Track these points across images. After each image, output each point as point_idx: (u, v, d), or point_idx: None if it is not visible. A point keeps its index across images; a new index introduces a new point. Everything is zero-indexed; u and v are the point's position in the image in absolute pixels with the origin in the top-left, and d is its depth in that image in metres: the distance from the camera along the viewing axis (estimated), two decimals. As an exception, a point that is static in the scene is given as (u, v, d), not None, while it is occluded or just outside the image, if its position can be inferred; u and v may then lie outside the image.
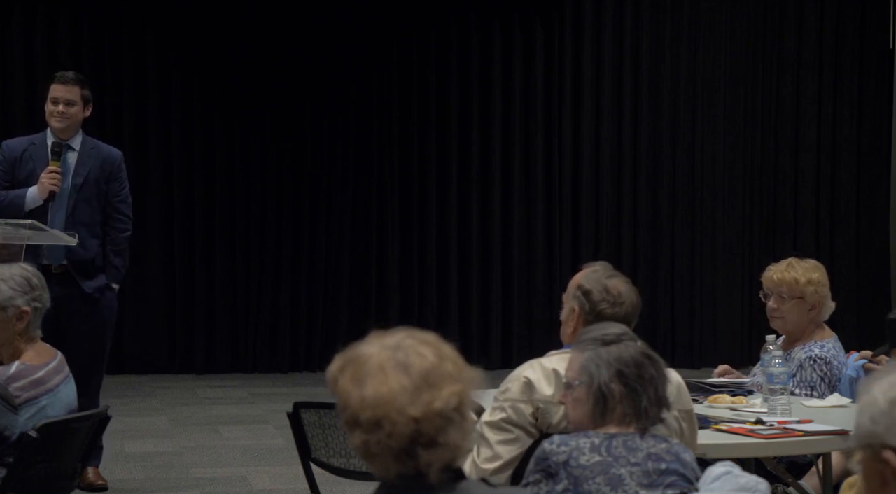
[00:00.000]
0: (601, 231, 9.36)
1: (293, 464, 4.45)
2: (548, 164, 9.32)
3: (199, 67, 8.81)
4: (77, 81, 5.69)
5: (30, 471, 3.66)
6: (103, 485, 5.73)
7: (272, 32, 8.89)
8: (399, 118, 9.14)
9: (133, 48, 8.74)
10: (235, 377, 8.75)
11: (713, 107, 9.40)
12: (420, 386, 2.00)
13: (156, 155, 8.81)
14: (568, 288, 3.52)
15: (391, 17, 9.08)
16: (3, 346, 3.81)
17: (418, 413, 1.98)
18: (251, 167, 8.94)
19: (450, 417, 1.99)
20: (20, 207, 5.48)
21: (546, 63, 9.28)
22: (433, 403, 1.98)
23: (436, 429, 1.98)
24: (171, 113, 8.82)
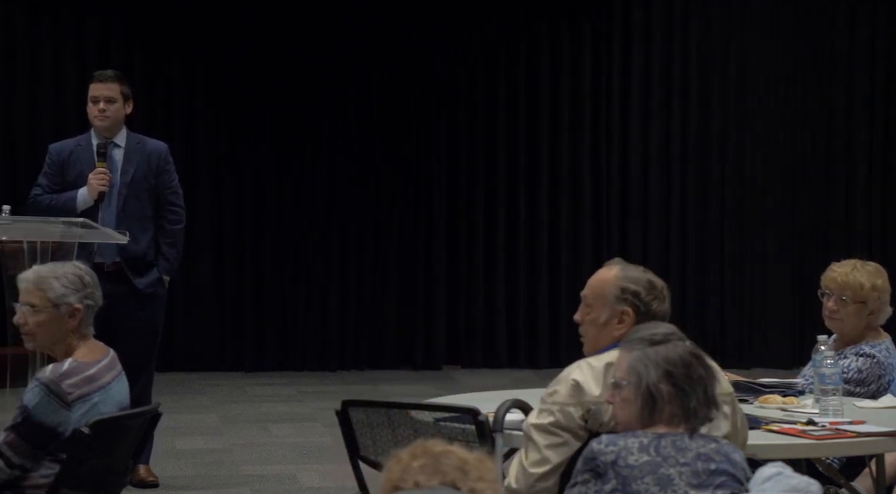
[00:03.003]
0: (649, 232, 9.32)
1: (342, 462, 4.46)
2: (595, 165, 9.29)
3: (261, 64, 8.86)
4: (116, 78, 5.74)
5: (82, 467, 3.70)
6: (154, 482, 5.78)
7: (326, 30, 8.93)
8: (446, 121, 9.14)
9: (184, 46, 8.81)
10: (284, 375, 8.79)
11: (762, 107, 9.32)
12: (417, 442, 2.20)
13: (205, 151, 8.87)
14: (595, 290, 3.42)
15: (440, 19, 9.08)
16: (56, 344, 3.85)
17: (405, 455, 2.17)
18: (302, 165, 8.98)
19: (431, 456, 2.15)
20: (72, 210, 5.54)
21: (594, 63, 9.25)
22: (417, 445, 2.18)
23: (417, 463, 2.15)
24: (225, 109, 8.88)
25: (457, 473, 2.15)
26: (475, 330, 9.20)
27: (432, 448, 2.18)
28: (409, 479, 2.14)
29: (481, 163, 9.21)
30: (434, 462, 2.15)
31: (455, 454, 2.17)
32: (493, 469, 2.20)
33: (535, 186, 9.26)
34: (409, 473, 2.15)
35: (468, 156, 9.21)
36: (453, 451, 2.17)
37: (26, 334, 3.87)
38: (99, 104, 5.68)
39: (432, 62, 9.11)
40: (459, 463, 2.16)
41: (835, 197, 9.39)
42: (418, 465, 2.15)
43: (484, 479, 2.15)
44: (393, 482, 2.17)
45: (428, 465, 2.15)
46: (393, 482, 2.17)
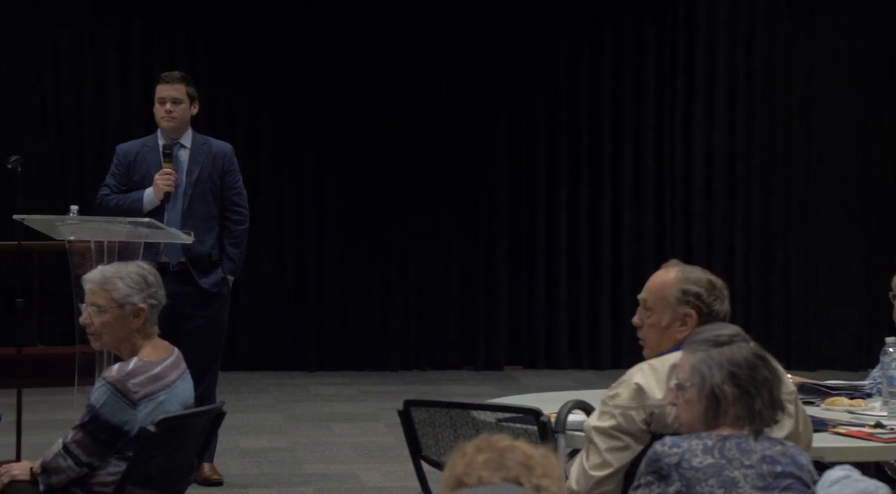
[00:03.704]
0: (713, 232, 9.24)
1: (404, 462, 4.48)
2: (658, 166, 9.23)
3: (315, 65, 8.91)
4: (182, 79, 5.79)
5: (149, 465, 3.74)
6: (219, 480, 5.83)
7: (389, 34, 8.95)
8: (507, 121, 9.13)
9: (247, 48, 8.88)
10: (346, 374, 8.83)
11: (828, 107, 9.20)
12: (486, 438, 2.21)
13: (269, 154, 8.94)
14: (655, 293, 3.38)
15: (502, 20, 9.07)
16: (121, 343, 3.89)
17: (471, 449, 2.17)
18: (363, 166, 9.01)
19: (496, 450, 2.15)
20: (139, 210, 5.60)
21: (657, 64, 9.18)
22: (482, 439, 2.18)
23: (480, 457, 2.15)
24: (288, 110, 8.94)
25: (521, 469, 2.13)
26: (537, 330, 9.18)
27: (497, 442, 2.16)
28: (472, 474, 2.13)
29: (543, 163, 9.18)
30: (499, 457, 2.14)
31: (520, 449, 2.15)
32: (557, 466, 2.18)
33: (597, 187, 9.21)
34: (472, 467, 2.14)
35: (529, 157, 9.18)
36: (518, 446, 2.15)
37: (92, 334, 3.91)
38: (165, 105, 5.74)
39: (491, 62, 9.10)
40: (524, 459, 2.14)
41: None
42: (483, 459, 2.14)
43: (549, 476, 2.14)
44: (456, 476, 2.16)
45: (492, 460, 2.14)
46: (456, 476, 2.16)
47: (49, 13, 8.66)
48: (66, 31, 8.70)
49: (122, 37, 8.76)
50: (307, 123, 8.97)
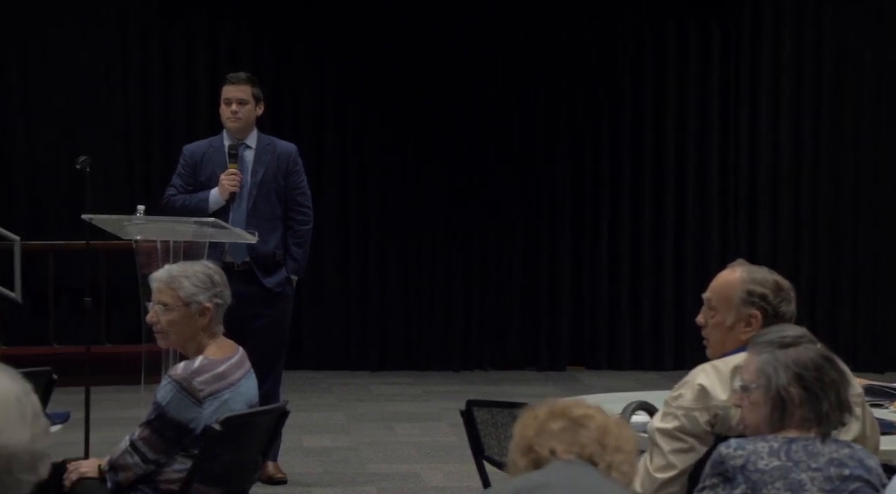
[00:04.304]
0: (779, 233, 9.14)
1: (466, 462, 4.48)
2: (722, 164, 9.15)
3: (381, 64, 8.94)
4: (247, 80, 5.83)
5: (214, 463, 3.77)
6: (283, 478, 5.87)
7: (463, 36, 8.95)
8: (569, 121, 9.10)
9: (312, 48, 8.93)
10: (409, 374, 8.85)
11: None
12: (556, 402, 2.22)
13: (333, 154, 8.98)
14: (720, 293, 3.36)
15: (566, 16, 9.04)
16: (187, 342, 3.93)
17: (543, 413, 2.18)
18: (427, 167, 9.03)
19: (573, 419, 2.15)
20: (204, 210, 5.64)
21: (722, 62, 9.11)
22: (558, 405, 2.19)
23: (558, 428, 2.16)
24: (352, 110, 8.98)
25: (595, 447, 2.10)
26: (600, 330, 9.14)
27: (572, 410, 2.13)
28: (545, 443, 2.10)
29: (606, 162, 9.14)
30: (574, 429, 2.09)
31: (595, 420, 2.11)
32: (631, 439, 2.15)
33: (660, 185, 9.15)
34: (546, 435, 2.10)
35: (593, 157, 9.15)
36: (593, 416, 2.11)
37: (159, 332, 3.95)
38: (231, 106, 5.78)
39: (555, 63, 9.07)
40: (599, 435, 2.10)
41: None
42: (558, 428, 2.10)
43: (622, 449, 2.11)
44: (528, 439, 2.12)
45: (567, 431, 2.09)
46: (528, 439, 2.12)
47: (116, 14, 8.77)
48: (134, 32, 8.80)
49: (189, 38, 8.85)
50: (372, 123, 9.00)
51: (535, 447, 2.13)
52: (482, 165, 9.05)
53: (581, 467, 2.09)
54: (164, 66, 8.83)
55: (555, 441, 2.12)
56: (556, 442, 2.12)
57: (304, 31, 8.92)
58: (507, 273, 9.11)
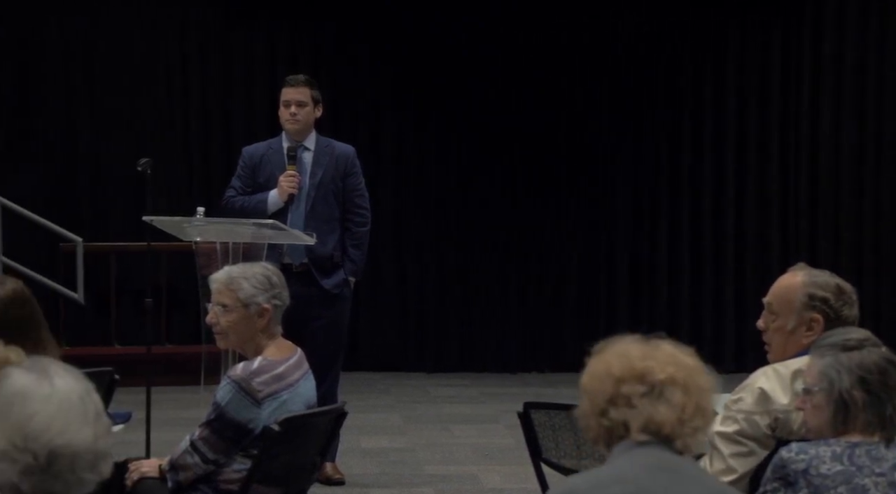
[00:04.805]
0: (840, 232, 9.03)
1: (523, 464, 4.46)
2: (783, 167, 9.07)
3: (436, 69, 8.95)
4: (306, 83, 5.86)
5: (273, 464, 3.79)
6: (341, 479, 5.88)
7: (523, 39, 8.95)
8: (630, 124, 9.06)
9: (370, 52, 8.96)
10: (466, 376, 8.85)
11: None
12: (635, 357, 2.14)
13: (390, 156, 9.00)
14: (781, 297, 3.33)
15: (632, 19, 8.99)
16: (246, 342, 3.95)
17: (619, 373, 2.10)
18: (481, 168, 9.02)
19: (652, 386, 2.07)
20: (263, 212, 5.68)
21: (783, 59, 9.02)
22: (636, 366, 2.10)
23: (634, 393, 2.09)
24: (409, 112, 9.00)
25: (674, 426, 2.06)
26: (658, 332, 9.05)
27: (654, 373, 2.07)
28: (619, 412, 2.04)
29: (665, 164, 9.09)
30: (653, 401, 2.05)
31: (678, 390, 2.06)
32: (710, 405, 2.12)
33: (720, 188, 9.08)
34: (621, 401, 2.03)
35: (653, 159, 9.10)
36: (676, 382, 2.07)
37: (218, 333, 3.98)
38: (290, 108, 5.81)
39: (616, 66, 9.03)
40: (680, 412, 2.06)
41: None
42: (636, 395, 2.04)
43: (701, 429, 2.08)
44: (601, 402, 2.06)
45: (645, 402, 2.04)
46: (601, 402, 2.06)
47: (178, 18, 8.86)
48: (195, 35, 8.88)
49: (249, 41, 8.92)
50: (429, 125, 9.01)
51: (609, 413, 2.09)
52: (540, 169, 9.02)
53: (653, 459, 2.05)
54: (224, 68, 8.90)
55: (630, 414, 2.08)
56: (631, 416, 2.07)
57: (364, 33, 8.95)
58: (564, 274, 9.08)
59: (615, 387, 2.08)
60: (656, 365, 2.10)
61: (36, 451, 1.86)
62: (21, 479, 1.86)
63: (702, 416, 2.09)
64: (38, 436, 1.87)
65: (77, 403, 1.91)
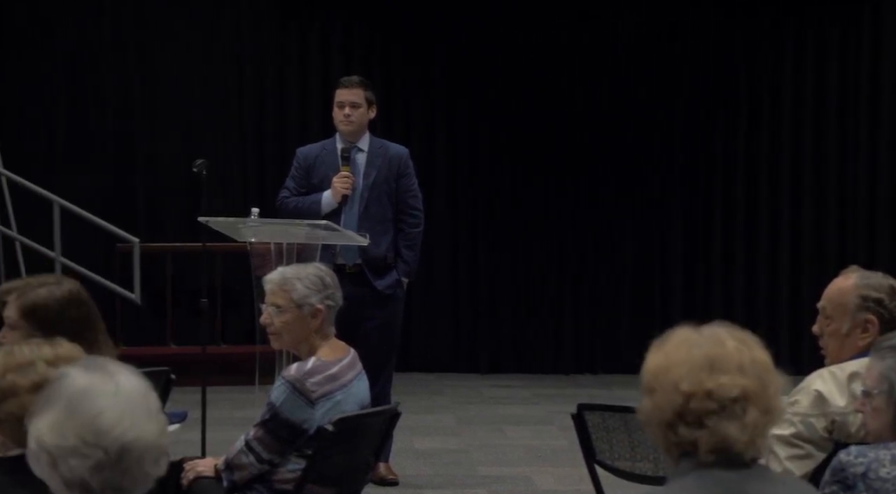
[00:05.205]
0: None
1: (577, 466, 4.45)
2: (840, 169, 8.97)
3: (499, 70, 8.94)
4: (360, 84, 5.87)
5: (327, 464, 3.80)
6: (394, 480, 5.89)
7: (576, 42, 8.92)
8: (685, 125, 9.00)
9: (423, 52, 8.97)
10: (519, 377, 8.83)
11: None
12: (702, 365, 2.02)
13: (443, 157, 9.00)
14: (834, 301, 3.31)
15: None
16: (299, 343, 3.97)
17: (688, 388, 1.99)
18: (537, 169, 8.99)
19: (723, 405, 1.98)
20: (316, 213, 5.70)
21: (841, 63, 8.92)
22: (706, 383, 1.99)
23: (704, 411, 1.98)
24: (462, 113, 8.99)
25: (745, 445, 1.98)
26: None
27: (726, 389, 1.98)
28: (687, 430, 1.93)
29: (720, 166, 9.02)
30: (723, 421, 1.94)
31: (751, 407, 1.96)
32: (781, 416, 2.06)
33: (776, 190, 9.00)
34: (690, 418, 1.92)
35: (707, 160, 9.03)
36: (750, 396, 1.97)
37: (272, 334, 4.00)
38: (344, 109, 5.83)
39: (673, 67, 8.98)
40: (752, 431, 1.96)
41: None
42: (705, 412, 1.93)
43: (769, 449, 2.03)
44: (670, 414, 1.97)
45: (714, 421, 1.94)
46: (670, 414, 1.97)
47: (232, 18, 8.92)
48: (249, 36, 8.94)
49: (303, 42, 8.96)
50: (482, 127, 9.00)
51: (678, 429, 1.99)
52: (594, 170, 8.98)
53: (721, 490, 1.98)
54: (278, 70, 8.95)
55: (700, 435, 1.99)
56: (700, 436, 1.99)
57: (416, 34, 8.96)
58: (618, 275, 9.04)
59: (684, 402, 1.99)
60: (728, 381, 1.99)
61: (107, 446, 1.88)
62: (92, 475, 1.88)
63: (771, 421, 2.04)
64: (109, 432, 1.89)
65: (143, 399, 1.94)
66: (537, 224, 9.01)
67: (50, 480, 1.90)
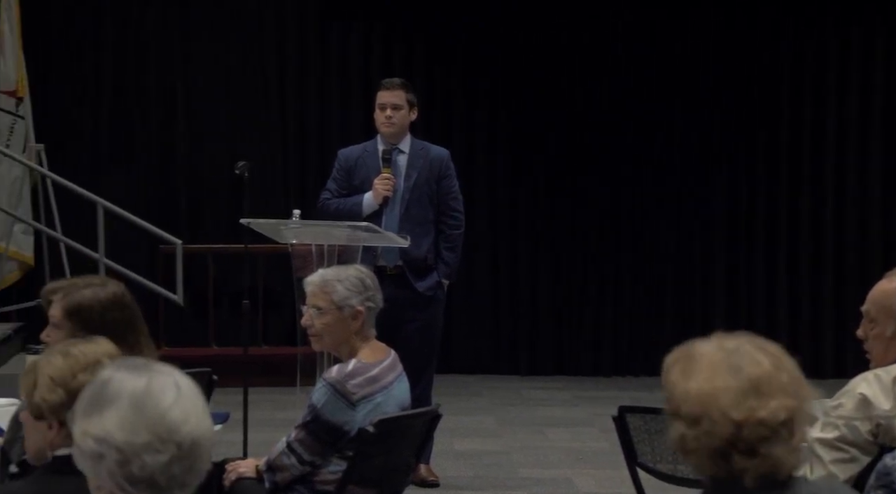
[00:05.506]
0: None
1: (618, 468, 4.43)
2: (886, 169, 8.88)
3: (531, 72, 8.93)
4: (401, 86, 5.88)
5: (368, 465, 3.81)
6: (435, 481, 5.90)
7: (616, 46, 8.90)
8: (726, 124, 8.95)
9: (462, 53, 8.97)
10: (559, 379, 8.81)
11: None
12: (748, 391, 1.97)
13: (482, 159, 9.00)
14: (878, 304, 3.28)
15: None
16: (340, 345, 3.98)
17: (740, 417, 1.94)
18: (577, 172, 8.97)
19: (775, 430, 1.94)
20: (358, 214, 5.71)
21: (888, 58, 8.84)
22: (757, 411, 1.95)
23: (757, 438, 1.94)
24: (501, 116, 8.98)
25: (788, 466, 1.96)
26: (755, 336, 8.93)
27: (774, 413, 1.92)
28: (736, 459, 1.89)
29: (762, 165, 8.96)
30: (771, 444, 1.92)
31: (794, 431, 1.93)
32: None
33: (819, 192, 8.93)
34: (741, 446, 1.89)
35: (748, 159, 8.97)
36: (794, 419, 1.92)
37: (313, 335, 4.01)
38: (386, 111, 5.84)
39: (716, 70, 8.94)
40: (795, 452, 1.95)
41: None
42: (754, 439, 1.89)
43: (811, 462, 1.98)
44: (717, 440, 1.91)
45: (766, 447, 1.90)
46: (717, 440, 1.91)
47: (273, 20, 8.96)
48: (291, 38, 8.97)
49: (343, 44, 8.98)
50: (522, 129, 8.99)
51: (732, 458, 1.91)
52: (636, 171, 8.94)
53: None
54: (319, 71, 8.98)
55: (751, 464, 1.91)
56: (752, 466, 1.91)
57: (457, 37, 8.95)
58: (658, 277, 9.00)
59: (735, 431, 1.93)
60: (776, 405, 1.93)
61: (180, 441, 1.89)
62: (162, 471, 1.88)
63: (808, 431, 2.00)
64: (180, 427, 1.90)
65: (198, 396, 1.95)
66: (578, 226, 8.99)
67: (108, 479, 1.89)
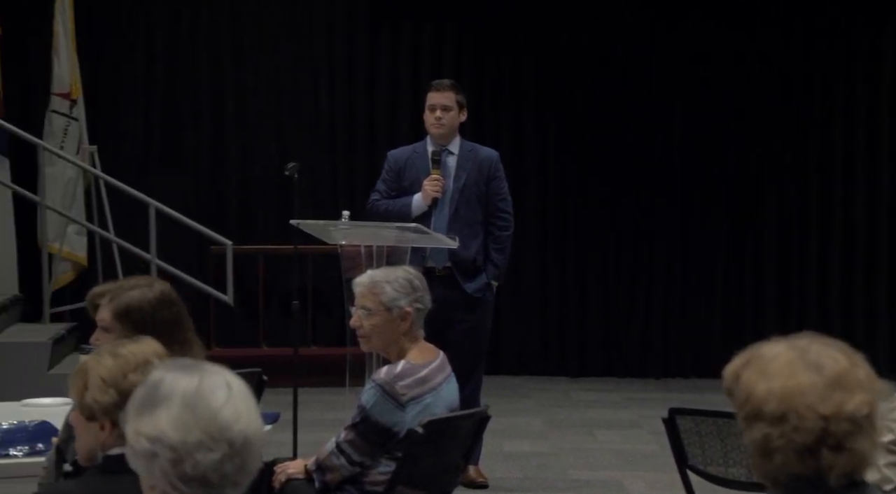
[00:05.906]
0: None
1: (668, 470, 4.40)
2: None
3: (579, 73, 8.90)
4: (451, 87, 5.88)
5: (417, 466, 3.81)
6: (484, 482, 5.89)
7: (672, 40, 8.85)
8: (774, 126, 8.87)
9: (511, 55, 8.95)
10: (608, 381, 8.77)
11: None
12: (832, 386, 1.97)
13: (532, 160, 8.97)
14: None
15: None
16: (389, 346, 3.99)
17: (828, 411, 1.94)
18: (628, 175, 8.92)
19: (860, 424, 1.95)
20: (407, 215, 5.72)
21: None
22: (845, 405, 1.95)
23: (843, 433, 1.94)
24: (550, 118, 8.96)
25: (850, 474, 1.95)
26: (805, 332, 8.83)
27: (846, 432, 1.93)
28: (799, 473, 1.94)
29: (813, 166, 8.87)
30: (836, 455, 1.94)
31: (863, 442, 1.94)
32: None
33: (875, 192, 8.82)
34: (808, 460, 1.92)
35: (797, 162, 8.88)
36: (863, 428, 1.92)
37: (362, 336, 4.02)
38: (435, 112, 5.84)
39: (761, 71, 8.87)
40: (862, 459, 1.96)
41: None
42: (826, 452, 1.93)
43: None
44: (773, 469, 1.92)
45: (833, 457, 1.94)
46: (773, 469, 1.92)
47: (322, 21, 8.99)
48: (341, 40, 8.99)
49: (393, 45, 9.00)
50: (571, 130, 8.96)
51: (821, 453, 1.91)
52: (686, 173, 8.88)
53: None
54: (369, 73, 9.00)
55: (838, 460, 1.92)
56: (839, 462, 1.91)
57: (507, 38, 8.94)
58: (709, 279, 8.93)
59: (825, 426, 1.93)
60: (860, 399, 1.94)
61: (231, 440, 1.90)
62: (215, 469, 1.89)
63: None
64: (232, 426, 1.90)
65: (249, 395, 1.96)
66: (628, 228, 8.94)
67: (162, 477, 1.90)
